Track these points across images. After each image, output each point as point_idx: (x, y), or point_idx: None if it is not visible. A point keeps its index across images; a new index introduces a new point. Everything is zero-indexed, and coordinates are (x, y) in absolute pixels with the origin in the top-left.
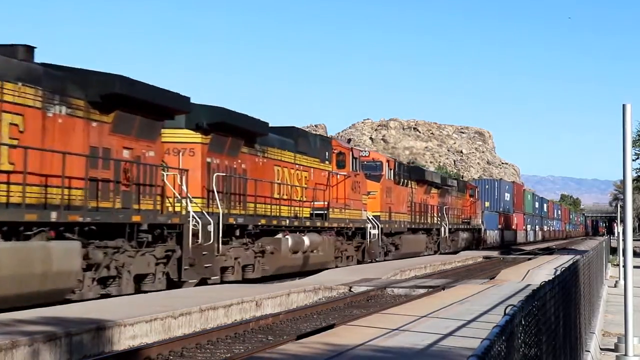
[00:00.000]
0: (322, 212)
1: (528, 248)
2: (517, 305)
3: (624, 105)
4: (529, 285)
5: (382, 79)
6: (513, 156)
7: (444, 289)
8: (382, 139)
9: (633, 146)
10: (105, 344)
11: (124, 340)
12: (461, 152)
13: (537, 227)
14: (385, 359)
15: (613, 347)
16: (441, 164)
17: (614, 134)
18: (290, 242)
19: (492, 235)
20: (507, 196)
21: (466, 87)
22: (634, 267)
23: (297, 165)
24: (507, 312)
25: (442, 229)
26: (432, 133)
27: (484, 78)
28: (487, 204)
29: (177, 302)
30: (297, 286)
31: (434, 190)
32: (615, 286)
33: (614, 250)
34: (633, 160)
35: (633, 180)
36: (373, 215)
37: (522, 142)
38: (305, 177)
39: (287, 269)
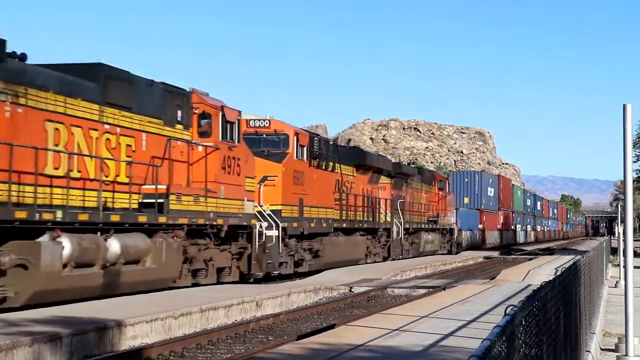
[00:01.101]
0: (158, 200)
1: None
2: (517, 306)
3: (624, 105)
4: (529, 285)
5: (383, 79)
6: (513, 156)
7: (444, 289)
8: (382, 139)
9: (633, 147)
10: (106, 344)
11: (124, 341)
12: (461, 152)
13: (529, 227)
14: (386, 359)
15: (613, 347)
16: (441, 164)
17: (614, 134)
18: (68, 248)
19: (470, 237)
20: (491, 191)
21: (467, 88)
22: (635, 267)
23: (106, 126)
24: (507, 312)
25: (394, 228)
26: (432, 133)
27: (485, 78)
28: (466, 199)
29: (177, 302)
30: (297, 286)
31: (384, 180)
32: (615, 286)
33: (614, 251)
34: (634, 161)
35: (633, 181)
36: (271, 210)
37: (523, 143)
38: (129, 145)
39: (59, 294)
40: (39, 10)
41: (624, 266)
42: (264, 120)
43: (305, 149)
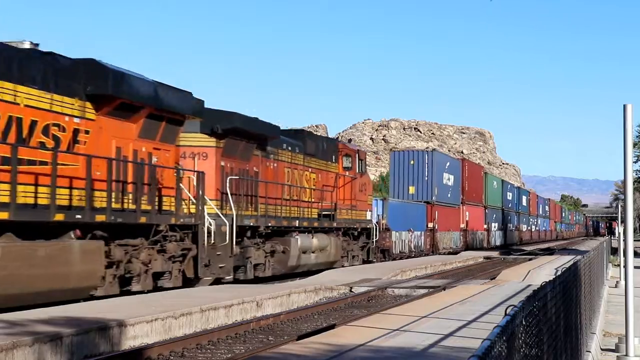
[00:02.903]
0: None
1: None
2: (518, 306)
3: (624, 105)
4: (529, 285)
5: (383, 79)
6: (514, 156)
7: (444, 290)
8: (382, 139)
9: (634, 147)
10: (106, 344)
11: (125, 341)
12: (462, 152)
13: (510, 226)
14: (386, 359)
15: (614, 348)
16: None
17: (614, 135)
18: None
19: (413, 240)
20: (449, 179)
21: (467, 88)
22: (635, 267)
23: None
24: (508, 312)
25: (208, 226)
26: (432, 133)
27: (485, 78)
28: (411, 189)
29: (177, 302)
30: (297, 286)
31: (197, 138)
32: (616, 286)
33: (614, 251)
34: (634, 161)
35: (634, 181)
36: None
37: (523, 143)
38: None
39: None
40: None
41: (624, 266)
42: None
43: None
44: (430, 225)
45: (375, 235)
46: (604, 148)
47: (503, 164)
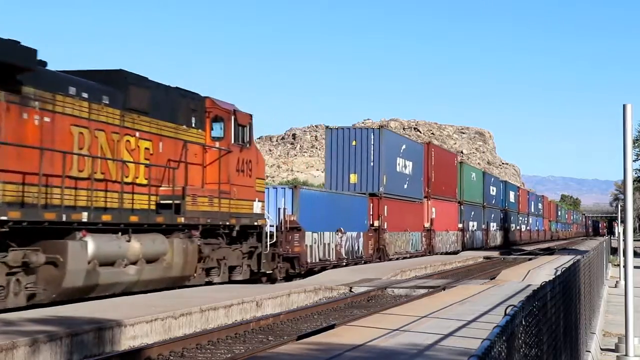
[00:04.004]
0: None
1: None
2: (517, 306)
3: (624, 105)
4: (529, 285)
5: (383, 79)
6: (514, 156)
7: (444, 289)
8: None
9: (633, 147)
10: (106, 344)
11: (124, 341)
12: (462, 152)
13: (493, 225)
14: (386, 359)
15: (613, 347)
16: None
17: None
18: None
19: (340, 244)
20: (407, 167)
21: (467, 88)
22: (635, 267)
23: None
24: (507, 312)
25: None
26: (432, 133)
27: (485, 78)
28: (352, 177)
29: (177, 302)
30: (297, 286)
31: None
32: (615, 286)
33: (614, 251)
34: (633, 160)
35: (633, 181)
36: None
37: (523, 143)
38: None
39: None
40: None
41: (624, 266)
42: None
43: None
44: (377, 223)
45: (272, 236)
46: (604, 148)
47: (503, 164)
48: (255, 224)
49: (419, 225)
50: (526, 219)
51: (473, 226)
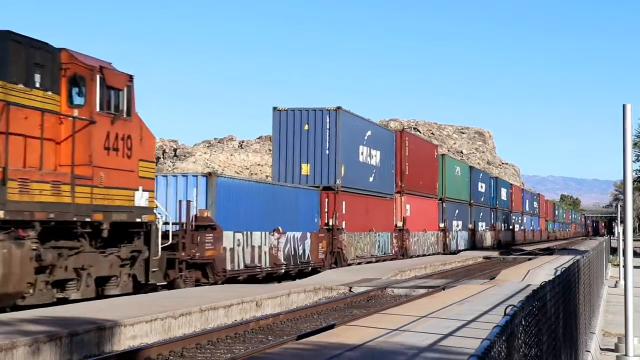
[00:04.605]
0: None
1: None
2: (517, 306)
3: (624, 105)
4: (529, 285)
5: (383, 79)
6: (513, 156)
7: (444, 289)
8: None
9: (633, 147)
10: (105, 344)
11: (124, 341)
12: (461, 152)
13: (482, 225)
14: (386, 359)
15: (613, 347)
16: None
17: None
18: None
19: (276, 247)
20: (374, 157)
21: (467, 88)
22: (634, 267)
23: None
24: (507, 312)
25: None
26: (432, 133)
27: (485, 78)
28: (304, 168)
29: (177, 302)
30: (297, 286)
31: None
32: (615, 286)
33: (614, 251)
34: (633, 161)
35: (633, 181)
36: None
37: (523, 143)
38: None
39: None
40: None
41: (624, 266)
42: None
43: None
44: (329, 224)
45: (168, 237)
46: (604, 148)
47: (502, 163)
48: (139, 220)
49: (389, 224)
50: (520, 218)
51: (457, 226)
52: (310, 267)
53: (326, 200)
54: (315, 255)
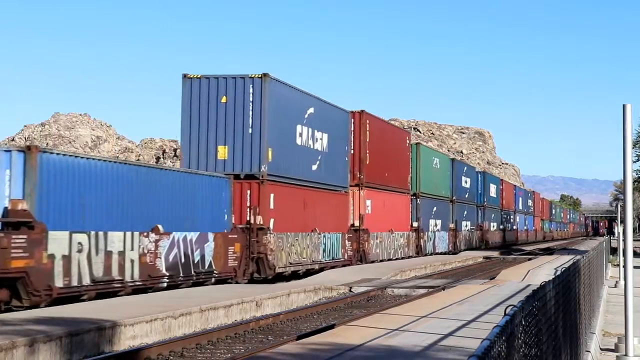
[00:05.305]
0: None
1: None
2: (517, 306)
3: (624, 105)
4: (529, 285)
5: (383, 79)
6: (513, 156)
7: (444, 289)
8: None
9: (633, 147)
10: (105, 344)
11: (124, 341)
12: (461, 152)
13: (467, 225)
14: (386, 359)
15: (613, 347)
16: None
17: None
18: None
19: (151, 251)
20: (320, 140)
21: (467, 88)
22: (634, 267)
23: None
24: (507, 312)
25: None
26: (432, 133)
27: (485, 78)
28: (221, 151)
29: (177, 302)
30: (297, 286)
31: None
32: (615, 286)
33: (614, 251)
34: (633, 161)
35: (633, 181)
36: None
37: (523, 143)
38: None
39: None
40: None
41: (624, 266)
42: None
43: None
44: (252, 220)
45: None
46: (604, 148)
47: (502, 163)
48: None
49: (341, 223)
50: (512, 217)
51: (435, 225)
52: (213, 279)
53: (248, 192)
54: (221, 262)
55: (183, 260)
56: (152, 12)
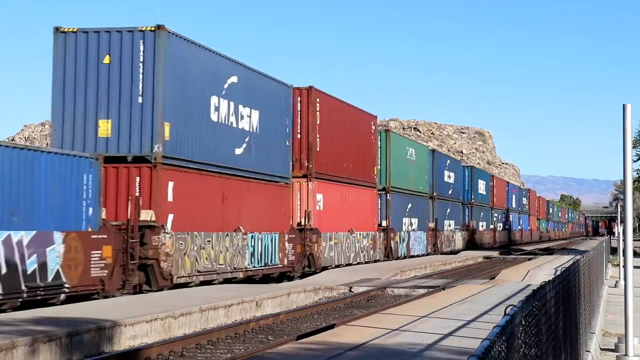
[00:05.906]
0: None
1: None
2: (517, 306)
3: (624, 105)
4: (529, 285)
5: (383, 79)
6: (513, 156)
7: (444, 289)
8: None
9: (633, 147)
10: (105, 344)
11: (124, 340)
12: (461, 152)
13: (451, 224)
14: (386, 358)
15: (613, 347)
16: None
17: (614, 135)
18: None
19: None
20: (249, 118)
21: (467, 88)
22: (634, 267)
23: None
24: (507, 312)
25: None
26: (432, 133)
27: (485, 78)
28: (103, 125)
29: (177, 302)
30: (297, 286)
31: None
32: (615, 286)
33: (614, 251)
34: (633, 161)
35: (633, 181)
36: None
37: (523, 143)
38: None
39: None
40: None
41: (624, 266)
42: None
43: None
44: (144, 216)
45: None
46: (604, 148)
47: (502, 163)
48: None
49: (280, 222)
50: (504, 216)
51: (411, 225)
52: (62, 295)
53: (137, 179)
54: (78, 272)
55: (4, 270)
56: None
